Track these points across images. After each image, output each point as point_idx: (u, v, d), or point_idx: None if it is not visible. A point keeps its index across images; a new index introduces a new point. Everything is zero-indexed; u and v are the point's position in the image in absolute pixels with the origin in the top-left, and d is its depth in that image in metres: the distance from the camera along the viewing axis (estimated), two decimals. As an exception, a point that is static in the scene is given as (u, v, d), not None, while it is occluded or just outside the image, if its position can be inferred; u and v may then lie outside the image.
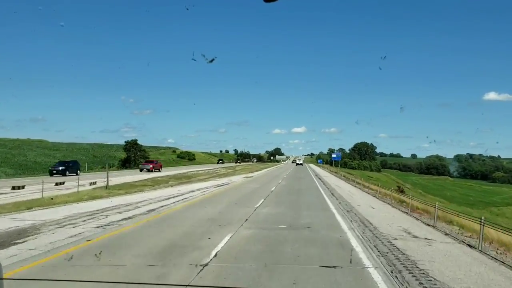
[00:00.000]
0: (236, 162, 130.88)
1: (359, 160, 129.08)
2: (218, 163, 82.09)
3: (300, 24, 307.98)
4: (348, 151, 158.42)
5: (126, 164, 61.26)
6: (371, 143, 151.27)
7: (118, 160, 64.80)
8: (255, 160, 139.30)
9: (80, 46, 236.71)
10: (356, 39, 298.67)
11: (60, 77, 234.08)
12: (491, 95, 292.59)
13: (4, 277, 2.06)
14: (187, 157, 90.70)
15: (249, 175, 45.22)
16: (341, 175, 52.13)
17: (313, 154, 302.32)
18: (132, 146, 64.35)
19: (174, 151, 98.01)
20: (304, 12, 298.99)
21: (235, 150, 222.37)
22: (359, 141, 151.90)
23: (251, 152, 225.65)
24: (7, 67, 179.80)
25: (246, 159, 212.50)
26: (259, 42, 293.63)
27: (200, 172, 50.46)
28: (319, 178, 46.99)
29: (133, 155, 62.77)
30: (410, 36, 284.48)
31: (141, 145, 67.43)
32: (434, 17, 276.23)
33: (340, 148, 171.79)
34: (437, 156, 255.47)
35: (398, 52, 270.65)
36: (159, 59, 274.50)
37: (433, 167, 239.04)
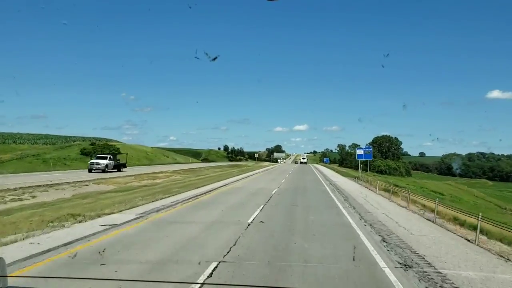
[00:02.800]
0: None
1: (383, 160, 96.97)
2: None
3: (302, 22, 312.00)
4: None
5: None
6: (395, 137, 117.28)
7: None
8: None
9: (82, 44, 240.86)
10: (358, 38, 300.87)
11: (61, 74, 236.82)
12: (495, 93, 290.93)
13: (8, 275, 2.01)
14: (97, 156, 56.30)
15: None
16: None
17: (316, 152, 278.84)
18: None
19: (93, 144, 63.33)
20: (307, 11, 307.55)
21: (225, 147, 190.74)
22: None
23: (250, 150, 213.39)
24: (9, 65, 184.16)
25: (238, 158, 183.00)
26: (262, 40, 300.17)
27: None
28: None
29: None
30: (413, 35, 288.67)
31: None
32: (437, 16, 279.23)
33: (354, 144, 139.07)
34: (455, 154, 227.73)
35: (401, 50, 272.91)
36: (161, 57, 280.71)
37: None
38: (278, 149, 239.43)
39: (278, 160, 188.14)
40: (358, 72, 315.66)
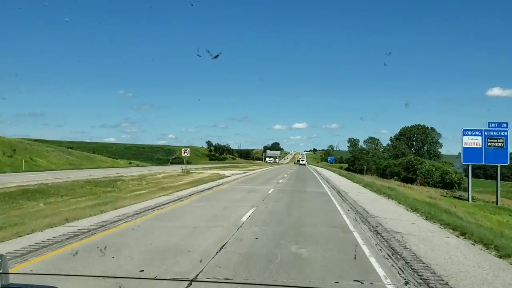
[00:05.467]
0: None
1: (423, 159, 65.10)
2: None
3: (303, 20, 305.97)
4: (390, 143, 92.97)
5: None
6: (431, 127, 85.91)
7: None
8: None
9: (81, 42, 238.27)
10: (358, 36, 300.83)
11: (59, 72, 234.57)
12: (495, 91, 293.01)
13: (9, 272, 1.96)
14: None
15: None
16: None
17: (316, 150, 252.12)
18: None
19: None
20: (308, 8, 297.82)
21: (208, 142, 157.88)
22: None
23: (250, 148, 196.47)
24: (8, 62, 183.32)
25: (222, 156, 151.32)
26: (262, 38, 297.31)
27: None
28: None
29: None
30: (413, 33, 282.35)
31: None
32: (438, 13, 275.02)
33: (371, 137, 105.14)
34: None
35: (401, 48, 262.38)
36: (160, 54, 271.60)
37: (477, 168, 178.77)
38: (275, 146, 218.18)
39: (266, 159, 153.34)
40: (358, 70, 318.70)
